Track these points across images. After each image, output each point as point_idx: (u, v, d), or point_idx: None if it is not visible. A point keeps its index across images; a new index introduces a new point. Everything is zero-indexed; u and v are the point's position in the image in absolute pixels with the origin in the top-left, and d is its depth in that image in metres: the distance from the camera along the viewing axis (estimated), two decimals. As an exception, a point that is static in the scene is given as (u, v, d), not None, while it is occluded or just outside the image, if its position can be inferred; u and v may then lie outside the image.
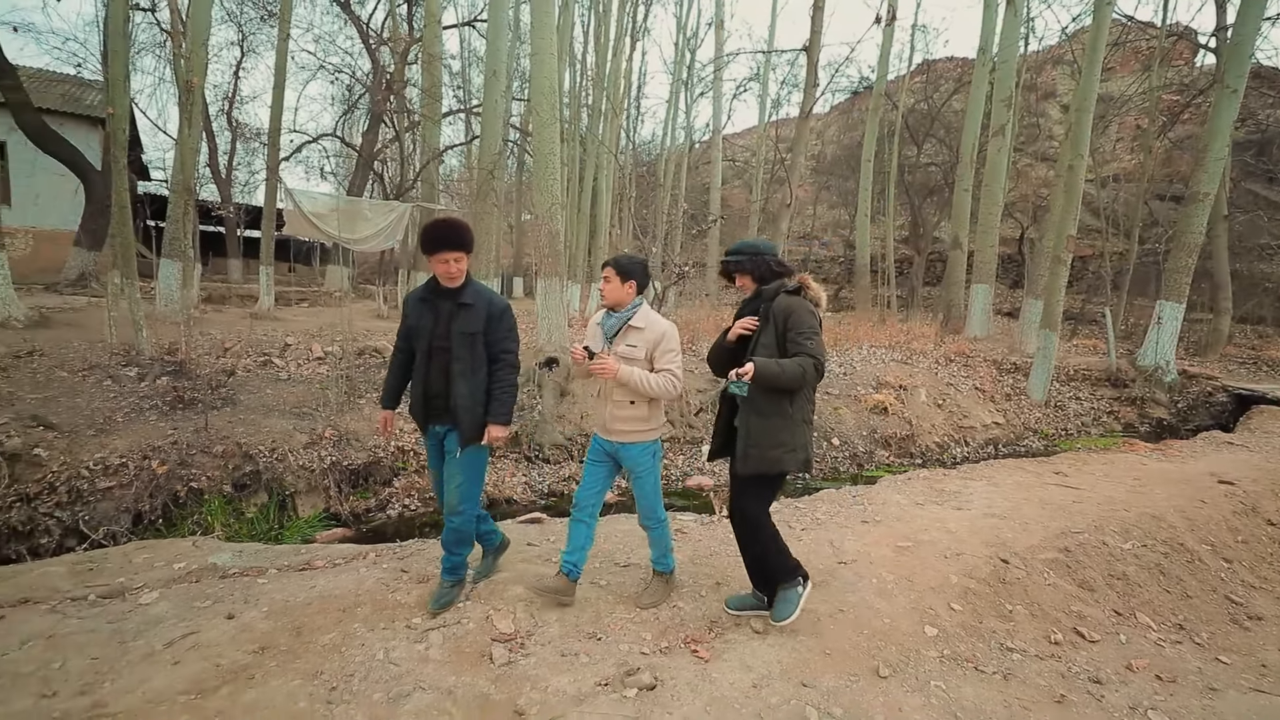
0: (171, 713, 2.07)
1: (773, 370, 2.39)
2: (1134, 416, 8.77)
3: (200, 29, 8.69)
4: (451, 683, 2.30)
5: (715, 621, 2.84)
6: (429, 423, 2.79)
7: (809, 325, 2.45)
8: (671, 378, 2.67)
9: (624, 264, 2.72)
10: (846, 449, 6.94)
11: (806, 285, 2.59)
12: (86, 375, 5.75)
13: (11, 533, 4.26)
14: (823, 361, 2.44)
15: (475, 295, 2.72)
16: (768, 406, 2.47)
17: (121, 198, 6.26)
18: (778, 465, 2.50)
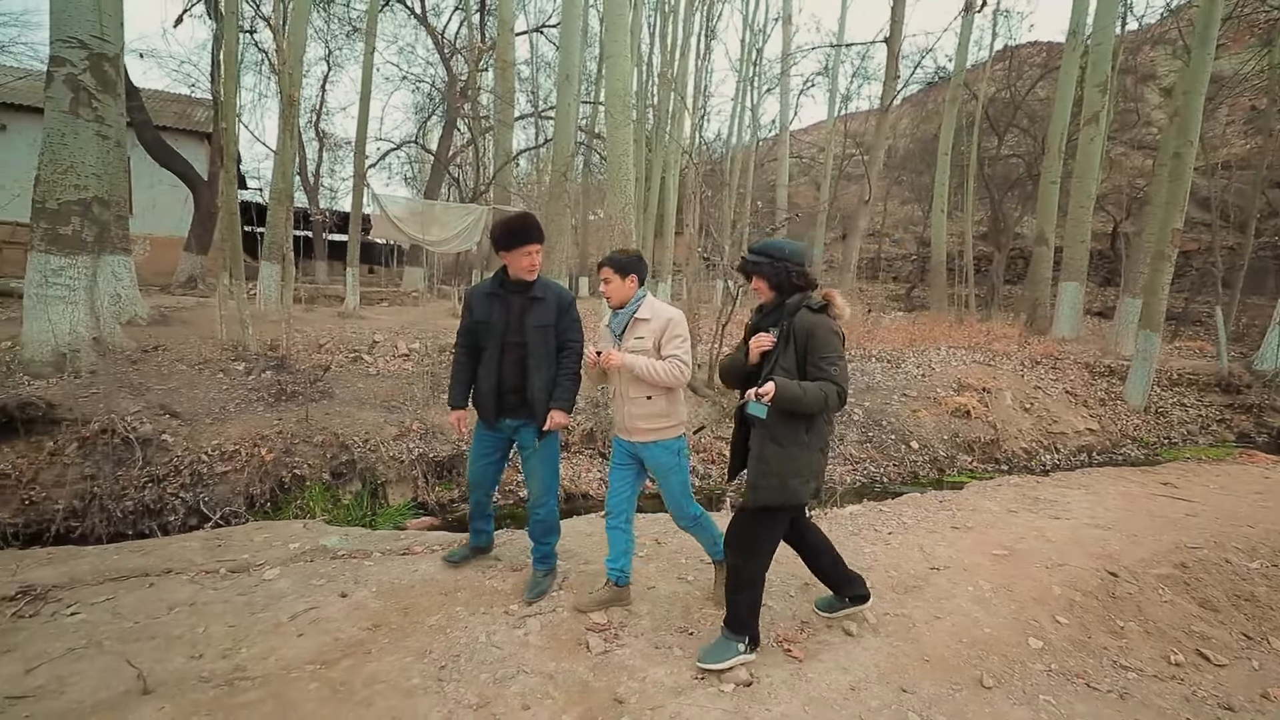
0: (301, 680, 2.24)
1: (794, 393, 2.22)
2: (1249, 425, 8.03)
3: (297, 48, 9.30)
4: (552, 668, 2.38)
5: (806, 622, 2.81)
6: (501, 417, 2.81)
7: (833, 348, 2.27)
8: (678, 364, 2.58)
9: (619, 261, 2.64)
10: (926, 453, 6.69)
11: (831, 302, 2.37)
12: (202, 369, 6.27)
13: (145, 510, 4.71)
14: (845, 389, 2.28)
15: (545, 288, 2.76)
16: (785, 433, 2.30)
17: (231, 205, 6.78)
18: (795, 497, 2.32)
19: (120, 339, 6.53)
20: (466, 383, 2.91)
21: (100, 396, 5.32)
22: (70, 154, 5.85)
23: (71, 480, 4.77)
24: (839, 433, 6.96)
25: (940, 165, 14.16)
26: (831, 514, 4.14)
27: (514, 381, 2.73)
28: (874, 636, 2.71)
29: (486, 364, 2.76)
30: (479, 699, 2.18)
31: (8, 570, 3.01)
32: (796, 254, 2.43)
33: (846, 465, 6.49)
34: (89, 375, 5.75)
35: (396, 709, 2.11)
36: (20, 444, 4.88)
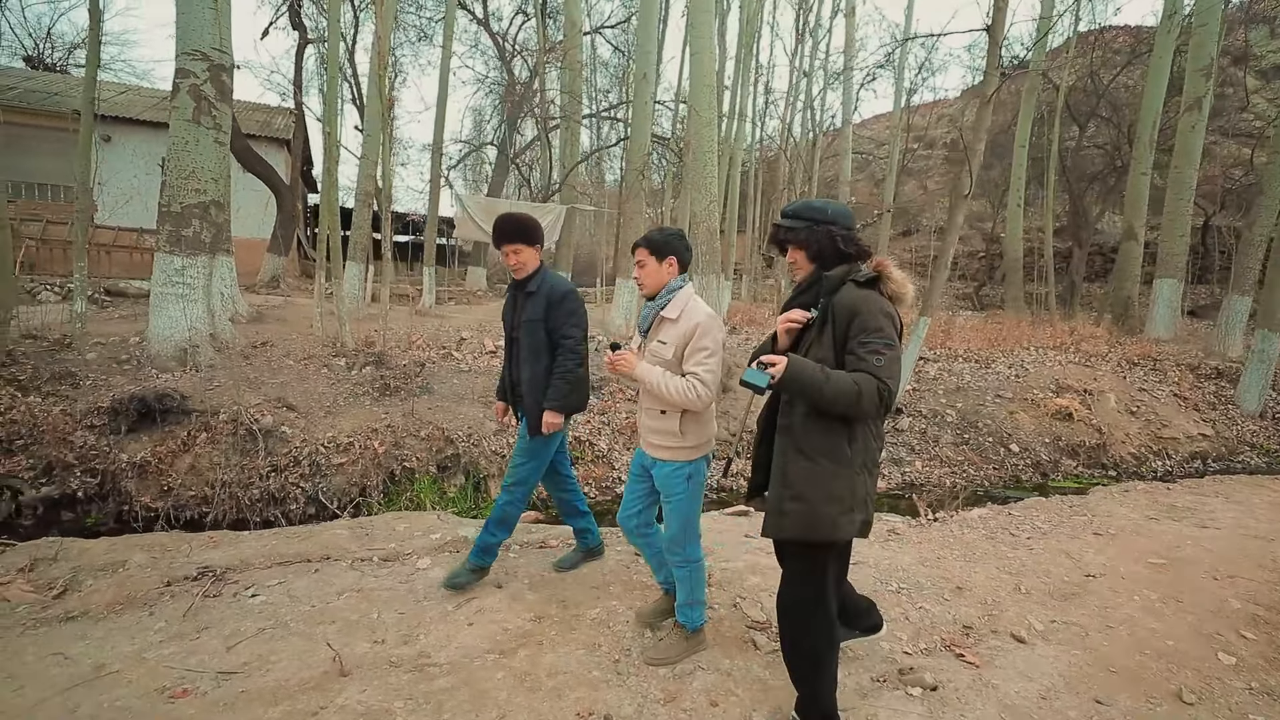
0: (486, 668, 2.28)
1: (813, 377, 1.68)
2: (1384, 434, 7.43)
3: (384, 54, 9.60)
4: (726, 665, 2.36)
5: (969, 627, 2.72)
6: (516, 409, 2.89)
7: (880, 332, 1.71)
8: (696, 383, 2.12)
9: (657, 239, 2.27)
10: (1028, 456, 6.43)
11: (885, 274, 1.83)
12: (307, 364, 6.54)
13: (270, 498, 4.93)
14: (891, 387, 1.68)
15: (539, 283, 2.74)
16: (817, 443, 1.76)
17: (333, 207, 7.05)
18: (831, 530, 1.75)
19: (232, 335, 6.87)
20: (504, 377, 3.00)
21: (223, 389, 5.59)
22: (192, 160, 6.17)
23: (202, 468, 5.04)
24: (932, 434, 6.76)
25: (1017, 158, 13.62)
26: (958, 517, 4.01)
27: (516, 375, 2.80)
28: (1046, 644, 2.60)
29: (506, 359, 2.90)
30: (664, 694, 2.18)
31: (181, 552, 3.18)
32: (842, 215, 1.88)
33: (945, 468, 6.29)
34: (209, 369, 6.06)
35: (586, 700, 2.12)
36: (155, 433, 5.17)
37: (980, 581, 3.09)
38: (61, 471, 4.85)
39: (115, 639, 2.39)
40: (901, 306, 1.87)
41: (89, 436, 5.02)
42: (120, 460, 4.92)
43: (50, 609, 2.62)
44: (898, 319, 1.82)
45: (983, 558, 3.38)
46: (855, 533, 1.80)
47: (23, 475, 4.83)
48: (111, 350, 6.12)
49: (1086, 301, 15.20)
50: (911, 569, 3.20)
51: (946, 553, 3.41)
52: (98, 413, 5.15)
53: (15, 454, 4.90)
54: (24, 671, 2.19)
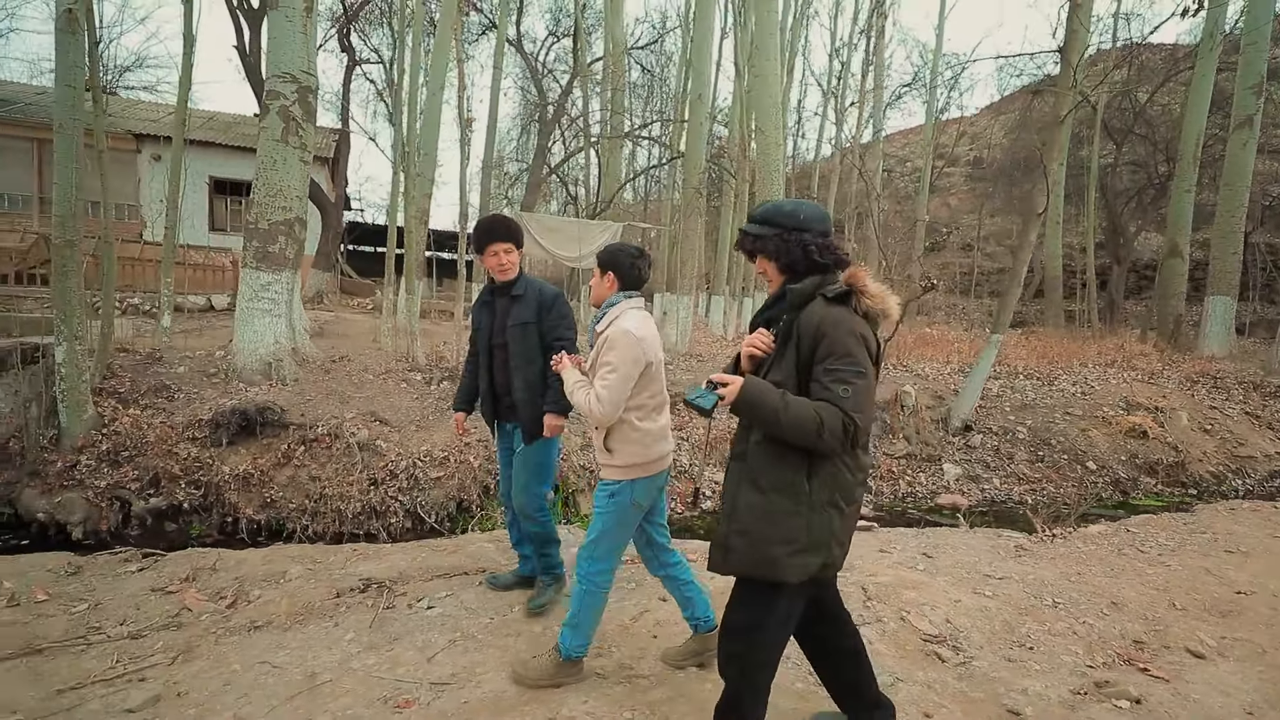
0: (692, 680, 2.30)
1: (769, 403, 1.50)
2: None
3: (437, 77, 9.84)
4: (920, 677, 2.37)
5: (1139, 641, 2.71)
6: (499, 419, 2.78)
7: (850, 358, 1.50)
8: (592, 397, 2.04)
9: (602, 255, 2.22)
10: (1106, 474, 6.40)
11: (860, 289, 1.58)
12: (385, 378, 6.62)
13: (371, 511, 4.98)
14: (859, 421, 1.48)
15: (526, 286, 2.67)
16: (770, 475, 1.58)
17: (410, 223, 7.16)
18: (773, 571, 1.57)
19: (310, 349, 6.98)
20: (469, 388, 2.91)
21: (314, 403, 5.68)
22: (280, 178, 6.32)
23: (302, 481, 5.10)
24: (1005, 450, 6.74)
25: (1053, 176, 13.68)
26: (1078, 533, 4.00)
27: (503, 385, 2.68)
28: (1225, 660, 2.59)
29: (481, 369, 2.75)
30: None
31: (333, 564, 3.22)
32: (816, 219, 1.64)
33: (1023, 485, 6.27)
34: (294, 383, 6.15)
35: (803, 710, 2.14)
36: (254, 445, 5.25)
37: (1132, 597, 3.09)
38: (168, 483, 4.92)
39: (313, 649, 2.43)
40: (883, 323, 1.67)
41: (191, 448, 5.10)
42: (223, 472, 4.99)
43: (232, 618, 2.67)
44: (873, 341, 1.59)
45: (1123, 573, 3.37)
46: (807, 576, 1.59)
47: (130, 486, 4.91)
48: (199, 364, 6.23)
49: (1122, 318, 15.15)
50: (1058, 584, 3.20)
51: (1085, 569, 3.41)
52: (199, 425, 5.24)
53: (122, 465, 4.99)
54: (240, 680, 2.24)
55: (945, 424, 7.05)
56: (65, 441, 5.03)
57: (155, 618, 2.66)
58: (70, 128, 4.84)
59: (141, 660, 2.35)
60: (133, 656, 2.38)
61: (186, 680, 2.23)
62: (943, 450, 6.72)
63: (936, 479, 6.36)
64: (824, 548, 1.59)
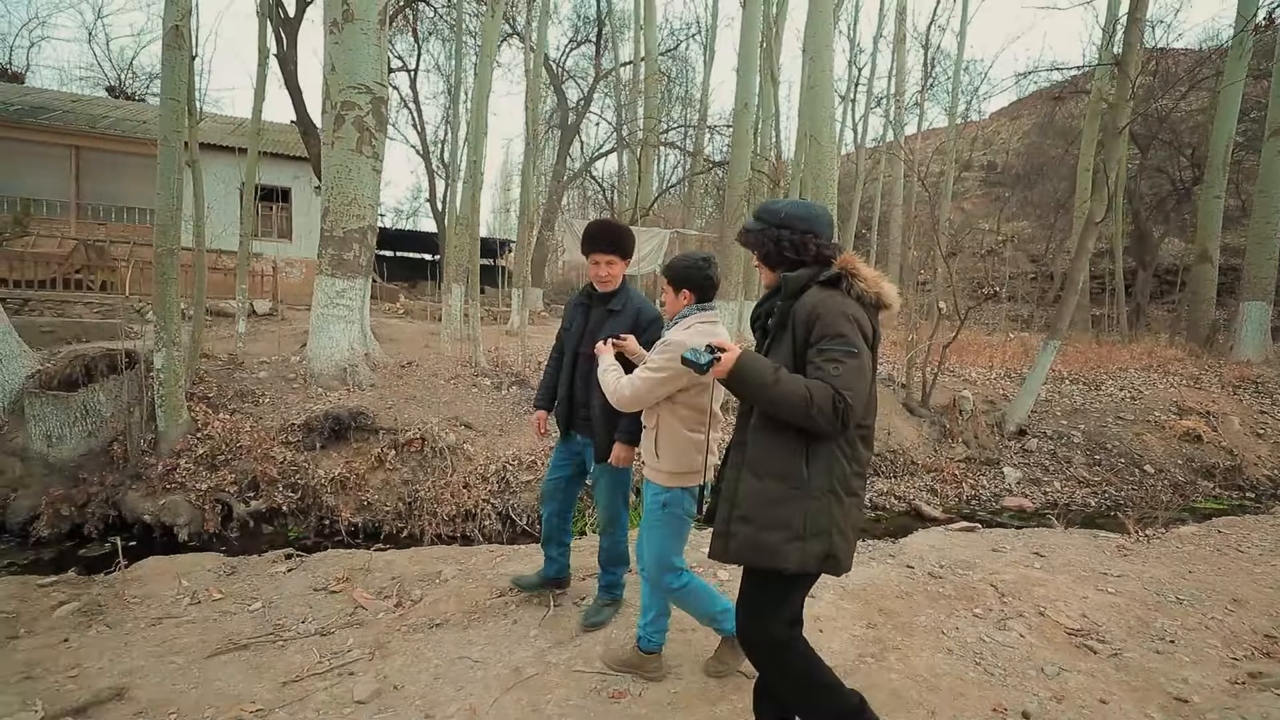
0: (874, 670, 2.42)
1: (761, 373, 1.56)
2: None
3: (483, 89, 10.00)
4: (1082, 667, 2.50)
5: (1270, 636, 2.83)
6: (571, 429, 2.69)
7: (842, 339, 1.53)
8: (623, 379, 2.15)
9: (671, 271, 2.23)
10: (1164, 477, 6.52)
11: (853, 273, 1.62)
12: (455, 383, 6.75)
13: (465, 514, 5.11)
14: (848, 400, 1.48)
15: (626, 302, 2.56)
16: (768, 461, 1.60)
17: (473, 233, 7.29)
18: (773, 559, 1.58)
19: (380, 355, 7.11)
20: (550, 387, 2.82)
21: (397, 408, 5.80)
22: (354, 187, 6.47)
23: (395, 484, 5.22)
24: (1062, 455, 6.87)
25: (1081, 181, 13.85)
26: (1172, 534, 4.13)
27: (582, 395, 2.58)
28: None
29: (564, 372, 2.67)
30: (1051, 692, 2.32)
31: (480, 563, 3.35)
32: (798, 218, 1.69)
33: (1084, 488, 6.40)
34: (370, 388, 6.29)
35: (990, 699, 2.26)
36: (346, 450, 5.38)
37: (1250, 594, 3.21)
38: (267, 486, 5.05)
39: (504, 645, 2.55)
40: (885, 310, 1.68)
41: (285, 452, 5.23)
42: (318, 475, 5.11)
43: (409, 616, 2.79)
44: (867, 323, 1.61)
45: (1231, 572, 3.50)
46: (807, 565, 1.58)
47: (228, 489, 5.03)
48: (277, 369, 6.36)
49: (1146, 323, 15.28)
50: (1175, 582, 3.32)
51: (1194, 568, 3.53)
52: (291, 429, 5.37)
53: (219, 468, 5.11)
54: (449, 673, 2.36)
55: (1000, 428, 7.18)
56: (163, 445, 5.16)
57: (334, 616, 2.79)
58: (174, 140, 5.00)
59: (341, 656, 2.48)
60: (332, 652, 2.50)
61: (394, 674, 2.35)
62: (1000, 454, 6.85)
63: (998, 482, 6.48)
64: (824, 535, 1.57)
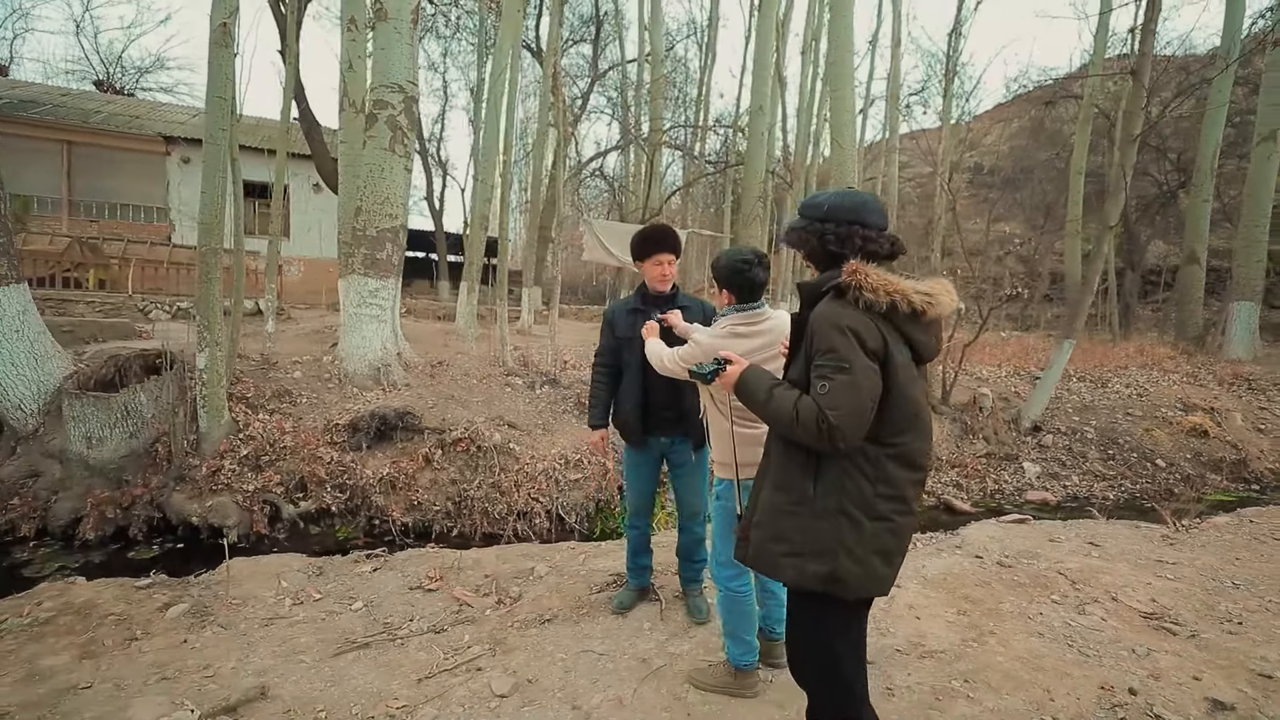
0: (983, 652, 2.54)
1: (755, 389, 1.60)
2: None
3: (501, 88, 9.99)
4: (1167, 647, 2.64)
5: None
6: (651, 434, 2.68)
7: (832, 354, 1.46)
8: (669, 353, 2.27)
9: (716, 270, 2.25)
10: (1175, 471, 6.79)
11: (859, 282, 1.48)
12: (488, 382, 6.77)
13: (517, 513, 5.14)
14: (832, 419, 1.42)
15: (689, 299, 2.71)
16: (781, 474, 1.60)
17: (504, 233, 7.30)
18: (772, 569, 1.59)
19: (410, 355, 7.09)
20: (607, 403, 2.79)
21: (437, 407, 5.81)
22: (387, 186, 6.45)
23: (443, 483, 5.24)
24: (1077, 450, 7.11)
25: (1074, 184, 14.25)
26: (1209, 524, 4.34)
27: (665, 397, 2.60)
28: None
29: (631, 381, 2.66)
30: (1146, 670, 2.46)
31: (566, 559, 3.41)
32: (844, 206, 1.58)
33: (1102, 482, 6.64)
34: (405, 387, 6.28)
35: (1095, 677, 2.39)
36: (392, 449, 5.38)
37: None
38: (315, 486, 5.03)
39: (622, 637, 2.62)
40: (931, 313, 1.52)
41: (332, 452, 5.22)
42: (365, 475, 5.11)
43: (518, 613, 2.84)
44: (872, 333, 1.48)
45: (1275, 559, 3.70)
46: (803, 583, 1.53)
47: (275, 490, 5.01)
48: (310, 369, 6.33)
49: (1134, 322, 15.78)
50: (1226, 568, 3.50)
51: (1240, 555, 3.73)
52: (337, 429, 5.35)
53: (264, 469, 5.08)
54: (578, 666, 2.42)
55: (1016, 425, 7.40)
56: (205, 446, 5.12)
57: (440, 614, 2.84)
58: (220, 139, 4.95)
59: (463, 652, 2.53)
60: (453, 649, 2.55)
61: (522, 669, 2.41)
62: (1019, 449, 7.07)
63: (1019, 476, 6.69)
64: (827, 556, 1.49)
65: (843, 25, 7.66)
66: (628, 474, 2.85)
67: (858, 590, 1.52)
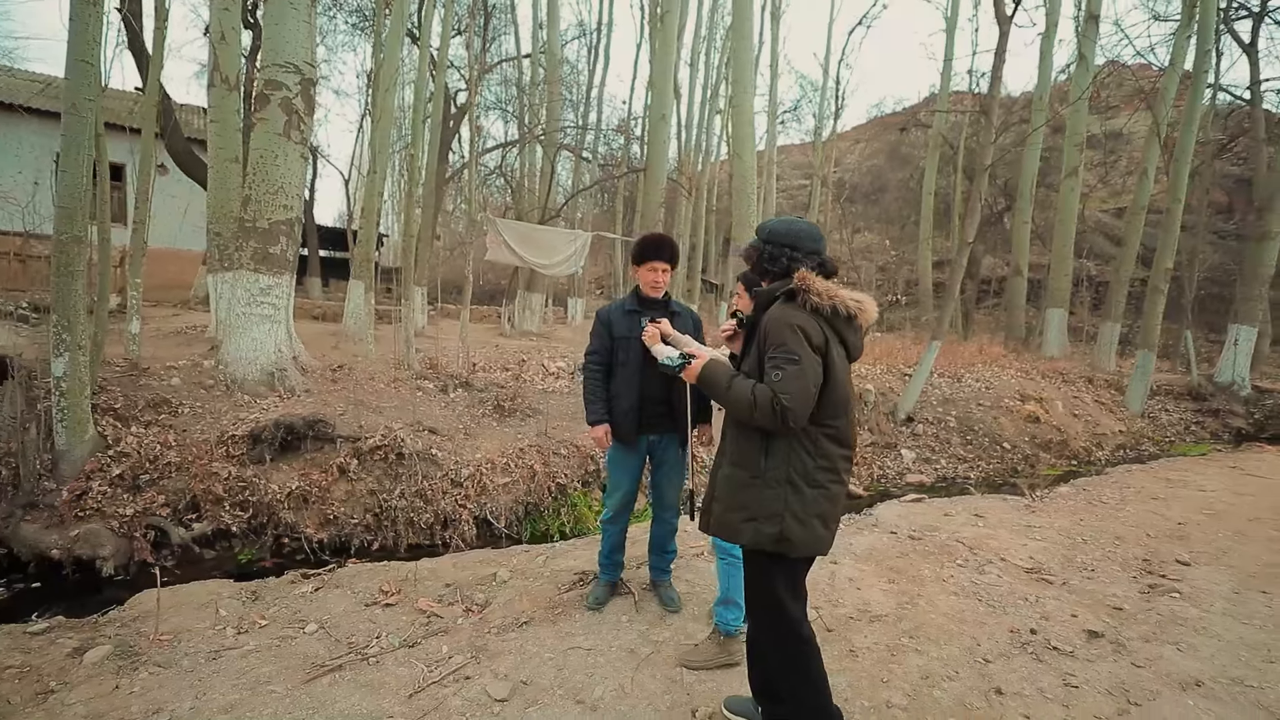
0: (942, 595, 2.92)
1: (717, 380, 1.87)
2: (1217, 426, 10.12)
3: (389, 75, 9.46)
4: (1049, 594, 3.19)
5: (1146, 559, 3.79)
6: (642, 432, 2.80)
7: (783, 347, 1.72)
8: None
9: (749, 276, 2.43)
10: (1018, 452, 8.01)
11: (805, 288, 1.77)
12: (397, 386, 6.42)
13: (443, 522, 4.93)
14: (785, 402, 1.67)
15: (680, 306, 2.93)
16: (736, 451, 1.86)
17: (412, 228, 6.94)
18: (733, 534, 1.86)
19: (308, 359, 6.53)
20: (605, 399, 2.86)
21: (348, 415, 5.43)
22: (281, 175, 5.93)
23: (360, 495, 4.91)
24: (943, 437, 8.15)
25: (925, 203, 16.20)
26: (1055, 494, 5.21)
27: (657, 394, 2.76)
28: (1202, 566, 3.72)
29: (627, 380, 2.78)
30: (1040, 613, 2.96)
31: (528, 561, 3.40)
32: (780, 232, 1.90)
33: (964, 464, 7.67)
34: (304, 393, 5.80)
35: (1005, 623, 2.85)
36: (300, 461, 4.95)
37: (1125, 532, 4.24)
38: (211, 506, 4.51)
39: (602, 632, 2.69)
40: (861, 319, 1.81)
41: (229, 467, 4.70)
42: (272, 490, 4.67)
43: (489, 620, 2.80)
44: (816, 331, 1.75)
45: (1107, 518, 4.55)
46: (760, 544, 1.79)
47: (160, 512, 4.43)
48: (191, 375, 5.65)
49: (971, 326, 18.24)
50: (1074, 529, 4.27)
51: (1083, 518, 4.54)
52: (233, 441, 4.83)
53: (144, 489, 4.49)
54: (569, 663, 2.46)
55: (893, 416, 8.32)
56: (65, 467, 4.42)
57: (408, 628, 2.73)
58: (85, 110, 4.28)
59: (445, 663, 2.46)
60: (434, 661, 2.48)
61: (514, 672, 2.40)
62: (897, 438, 7.96)
63: (899, 462, 7.54)
64: (776, 519, 1.77)
65: (744, 48, 8.17)
66: (615, 470, 2.93)
67: (802, 549, 1.80)
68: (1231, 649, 2.77)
